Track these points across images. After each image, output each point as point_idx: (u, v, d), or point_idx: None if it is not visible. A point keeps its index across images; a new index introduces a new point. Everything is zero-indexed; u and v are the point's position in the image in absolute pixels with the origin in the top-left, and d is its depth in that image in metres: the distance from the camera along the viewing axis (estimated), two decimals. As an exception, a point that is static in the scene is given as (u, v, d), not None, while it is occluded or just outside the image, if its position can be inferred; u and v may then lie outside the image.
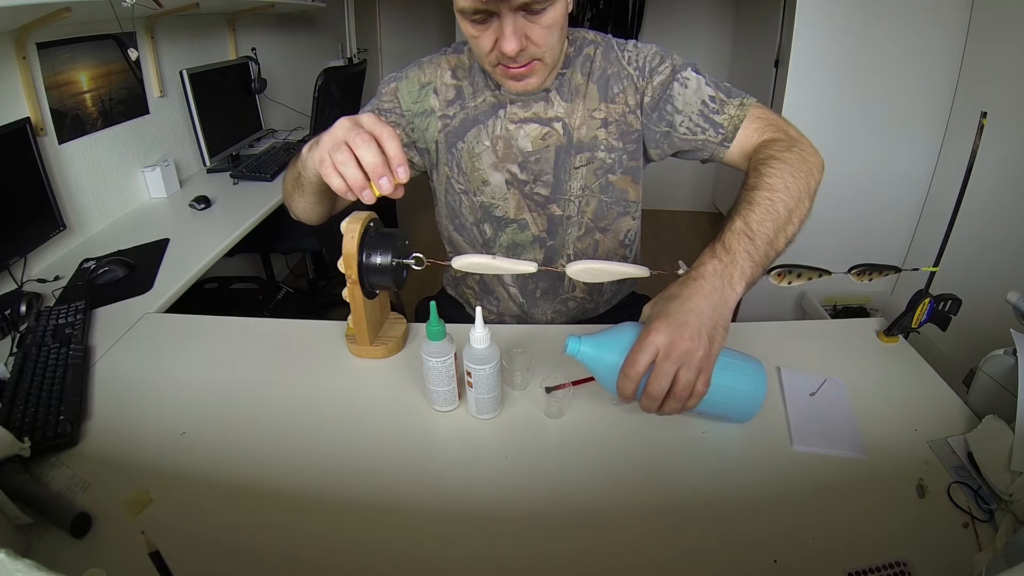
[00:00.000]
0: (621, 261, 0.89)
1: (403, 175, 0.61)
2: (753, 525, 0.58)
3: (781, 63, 2.45)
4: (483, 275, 1.00)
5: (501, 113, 0.86)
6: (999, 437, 0.62)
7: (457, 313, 1.09)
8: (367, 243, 0.75)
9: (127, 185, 1.61)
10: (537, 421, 0.72)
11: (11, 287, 1.14)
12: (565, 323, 1.03)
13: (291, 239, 2.03)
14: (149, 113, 1.71)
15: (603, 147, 0.87)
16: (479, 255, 0.71)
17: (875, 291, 2.05)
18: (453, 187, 0.93)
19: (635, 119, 0.86)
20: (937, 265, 0.81)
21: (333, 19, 3.11)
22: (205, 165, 1.89)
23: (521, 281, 0.98)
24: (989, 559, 0.50)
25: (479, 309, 0.67)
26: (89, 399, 0.76)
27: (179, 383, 0.79)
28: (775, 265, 0.70)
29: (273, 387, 0.78)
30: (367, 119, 0.62)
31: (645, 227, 1.04)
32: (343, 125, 0.62)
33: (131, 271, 1.17)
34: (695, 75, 0.83)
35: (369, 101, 0.92)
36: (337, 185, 0.61)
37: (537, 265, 0.72)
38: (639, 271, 0.71)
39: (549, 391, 0.71)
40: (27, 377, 0.78)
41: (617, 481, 0.63)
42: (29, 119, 1.23)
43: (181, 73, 1.72)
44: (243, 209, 1.59)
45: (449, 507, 0.60)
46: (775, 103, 2.39)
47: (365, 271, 0.75)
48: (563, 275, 0.97)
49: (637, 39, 1.41)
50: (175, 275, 1.18)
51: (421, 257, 0.75)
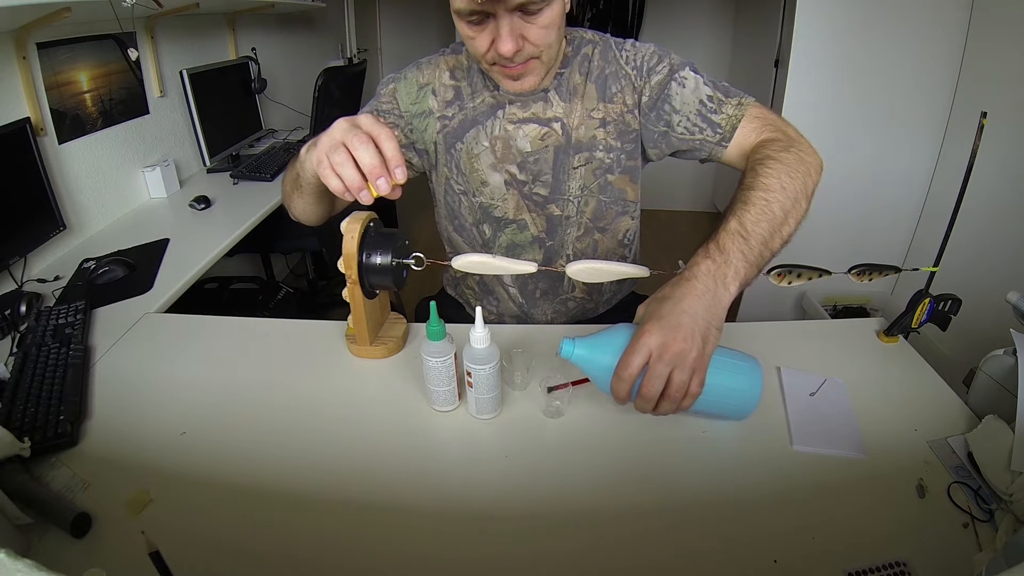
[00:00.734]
0: (620, 261, 0.89)
1: (400, 176, 0.61)
2: (753, 525, 0.58)
3: (781, 63, 2.45)
4: (483, 275, 1.00)
5: (500, 113, 0.86)
6: (999, 437, 0.62)
7: (457, 313, 1.09)
8: (367, 243, 0.75)
9: (127, 185, 1.62)
10: (537, 421, 0.72)
11: (11, 287, 1.14)
12: (565, 323, 1.03)
13: (291, 239, 2.03)
14: (149, 113, 1.71)
15: (601, 147, 0.87)
16: (479, 254, 0.71)
17: (875, 291, 2.05)
18: (452, 188, 0.93)
19: (633, 119, 0.86)
20: (937, 265, 0.81)
21: (333, 19, 3.11)
22: (205, 165, 1.89)
23: (521, 281, 0.98)
24: (989, 559, 0.50)
25: (479, 309, 0.67)
26: (89, 399, 0.76)
27: (179, 383, 0.79)
28: (775, 265, 0.70)
29: (273, 387, 0.78)
30: (365, 120, 0.62)
31: (645, 227, 1.04)
32: (340, 126, 0.62)
33: (131, 271, 1.17)
34: (693, 75, 0.83)
35: (368, 102, 0.92)
36: (335, 186, 0.62)
37: (537, 265, 0.72)
38: (639, 271, 0.71)
39: (549, 391, 0.71)
40: (27, 377, 0.78)
41: (617, 481, 0.63)
42: (29, 119, 1.23)
43: (181, 73, 1.72)
44: (243, 209, 1.59)
45: (449, 507, 0.60)
46: (775, 103, 2.39)
47: (365, 271, 0.75)
48: (563, 275, 0.97)
49: (637, 39, 1.41)
50: (175, 275, 1.18)
51: (421, 257, 0.75)
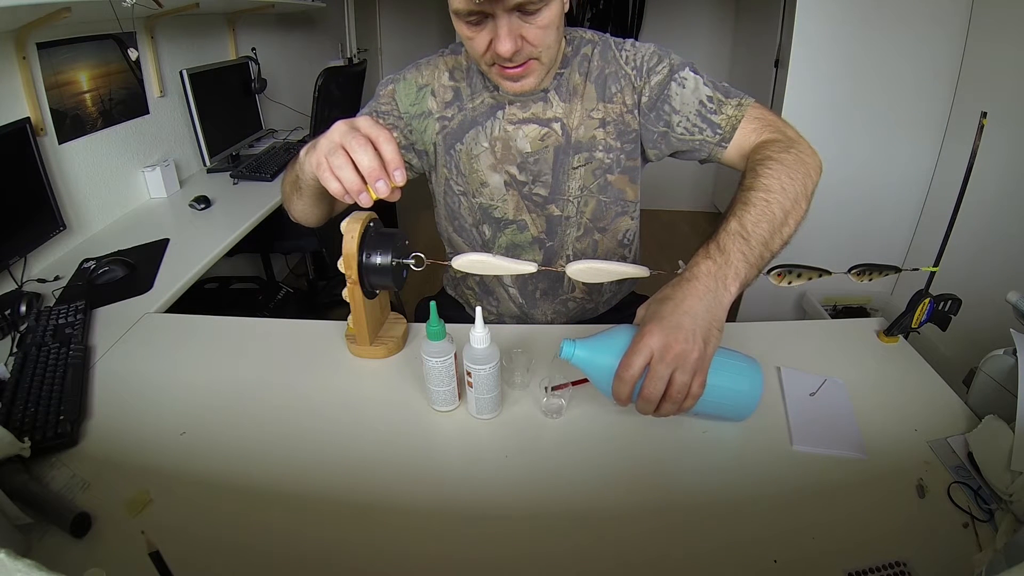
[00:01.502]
0: (620, 261, 0.89)
1: (400, 178, 0.61)
2: (753, 525, 0.58)
3: (781, 63, 2.45)
4: (483, 276, 1.00)
5: (499, 114, 0.86)
6: (999, 437, 0.62)
7: (457, 313, 1.09)
8: (367, 243, 0.75)
9: (127, 185, 1.61)
10: (537, 421, 0.72)
11: (11, 287, 1.14)
12: (565, 324, 1.03)
13: (291, 239, 2.03)
14: (149, 113, 1.71)
15: (601, 147, 0.87)
16: (479, 254, 0.71)
17: (875, 291, 2.05)
18: (452, 188, 0.93)
19: (632, 119, 0.86)
20: (937, 265, 0.81)
21: (333, 19, 3.11)
22: (205, 165, 1.89)
23: (521, 282, 0.98)
24: (989, 559, 0.50)
25: (479, 309, 0.67)
26: (89, 399, 0.76)
27: (179, 383, 0.79)
28: (775, 265, 0.70)
29: (273, 387, 0.78)
30: (363, 122, 0.62)
31: (644, 227, 1.04)
32: (339, 129, 0.62)
33: (131, 271, 1.17)
34: (693, 75, 0.83)
35: (367, 103, 0.91)
36: (334, 189, 0.62)
37: (537, 265, 0.72)
38: (639, 271, 0.71)
39: (549, 391, 0.71)
40: (27, 377, 0.78)
41: (617, 481, 0.63)
42: (29, 119, 1.23)
43: (181, 73, 1.72)
44: (243, 209, 1.59)
45: (449, 507, 0.60)
46: (775, 103, 2.39)
47: (365, 271, 0.75)
48: (563, 276, 0.97)
49: (637, 39, 1.41)
50: (175, 275, 1.18)
51: (421, 257, 0.75)
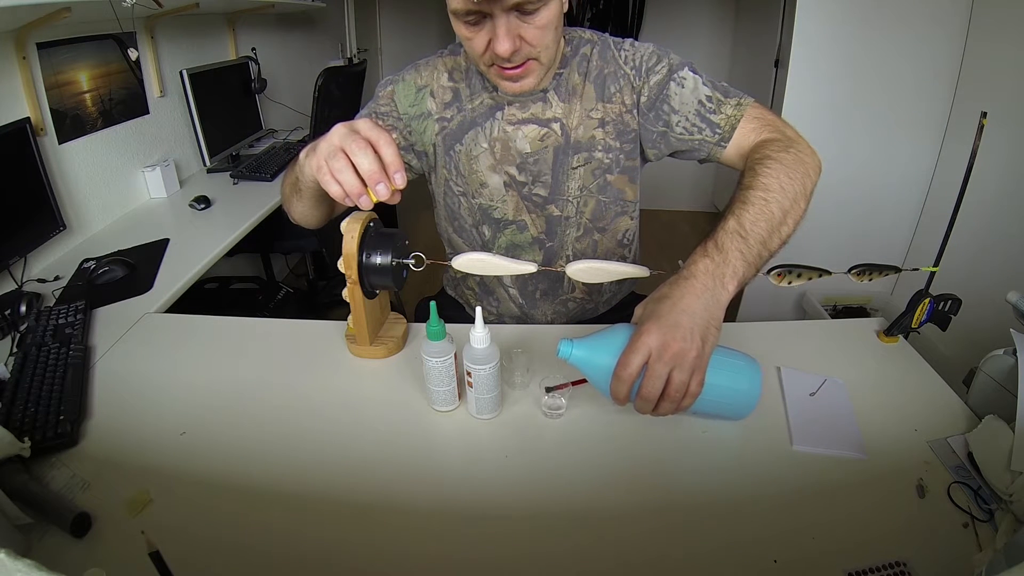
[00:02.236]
0: (620, 261, 0.89)
1: (400, 181, 0.61)
2: (753, 525, 0.58)
3: (781, 63, 2.45)
4: (483, 276, 1.00)
5: (499, 115, 0.86)
6: (999, 437, 0.62)
7: (457, 313, 1.09)
8: (367, 243, 0.75)
9: (127, 185, 1.61)
10: (537, 421, 0.72)
11: (11, 287, 1.14)
12: (565, 324, 1.03)
13: (291, 239, 2.03)
14: (149, 113, 1.71)
15: (600, 147, 0.87)
16: (479, 253, 0.71)
17: (875, 291, 2.05)
18: (452, 189, 0.93)
19: (632, 118, 0.86)
20: (937, 265, 0.81)
21: (333, 19, 3.11)
22: (205, 165, 1.89)
23: (521, 282, 0.98)
24: (989, 559, 0.50)
25: (479, 309, 0.67)
26: (89, 399, 0.76)
27: (179, 383, 0.79)
28: (775, 265, 0.70)
29: (273, 387, 0.78)
30: (363, 124, 0.62)
31: (644, 227, 1.04)
32: (339, 131, 0.62)
33: (131, 271, 1.17)
34: (692, 75, 0.83)
35: (366, 104, 0.91)
36: (335, 192, 0.62)
37: (537, 265, 0.72)
38: (639, 271, 0.71)
39: (549, 391, 0.71)
40: (27, 377, 0.78)
41: (617, 481, 0.63)
42: (29, 119, 1.23)
43: (181, 73, 1.72)
44: (243, 209, 1.59)
45: (449, 507, 0.60)
46: (775, 103, 2.39)
47: (365, 271, 0.75)
48: (563, 276, 0.97)
49: (637, 39, 1.41)
50: (175, 275, 1.18)
51: (421, 257, 0.75)
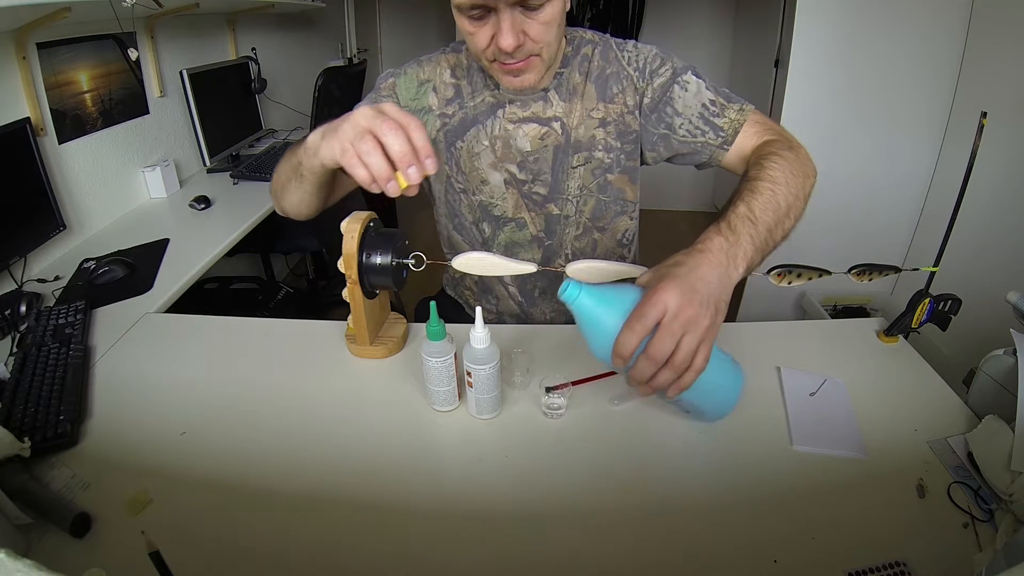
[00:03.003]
0: (620, 261, 0.89)
1: (431, 167, 0.59)
2: (753, 525, 0.58)
3: (781, 63, 2.46)
4: (482, 275, 1.00)
5: (500, 113, 0.86)
6: (999, 437, 0.62)
7: (457, 313, 1.09)
8: (367, 243, 0.75)
9: (127, 185, 1.61)
10: (537, 421, 0.72)
11: (11, 287, 1.14)
12: (564, 323, 1.03)
13: (291, 239, 2.03)
14: (149, 113, 1.71)
15: (601, 147, 0.87)
16: (479, 253, 0.71)
17: (875, 291, 2.05)
18: (452, 186, 0.93)
19: (633, 120, 0.86)
20: (937, 265, 0.81)
21: (333, 19, 3.11)
22: (205, 165, 1.89)
23: (520, 280, 0.98)
24: (989, 559, 0.50)
25: (479, 309, 0.67)
26: (89, 399, 0.76)
27: (179, 383, 0.79)
28: (775, 265, 0.70)
29: (273, 387, 0.78)
30: (391, 107, 0.59)
31: (644, 227, 1.04)
32: (365, 113, 0.58)
33: (131, 271, 1.17)
34: (695, 79, 0.83)
35: (365, 96, 0.91)
36: (361, 176, 0.59)
37: (537, 265, 0.72)
38: (639, 271, 0.71)
39: (549, 391, 0.71)
40: (27, 377, 0.78)
41: (617, 481, 0.63)
42: (29, 119, 1.23)
43: (181, 73, 1.72)
44: (243, 209, 1.59)
45: (449, 507, 0.60)
46: (775, 103, 2.40)
47: (365, 271, 0.75)
48: (562, 275, 0.97)
49: (637, 39, 1.41)
50: (175, 275, 1.18)
51: (421, 256, 0.75)
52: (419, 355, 0.70)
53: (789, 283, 0.73)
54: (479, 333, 0.66)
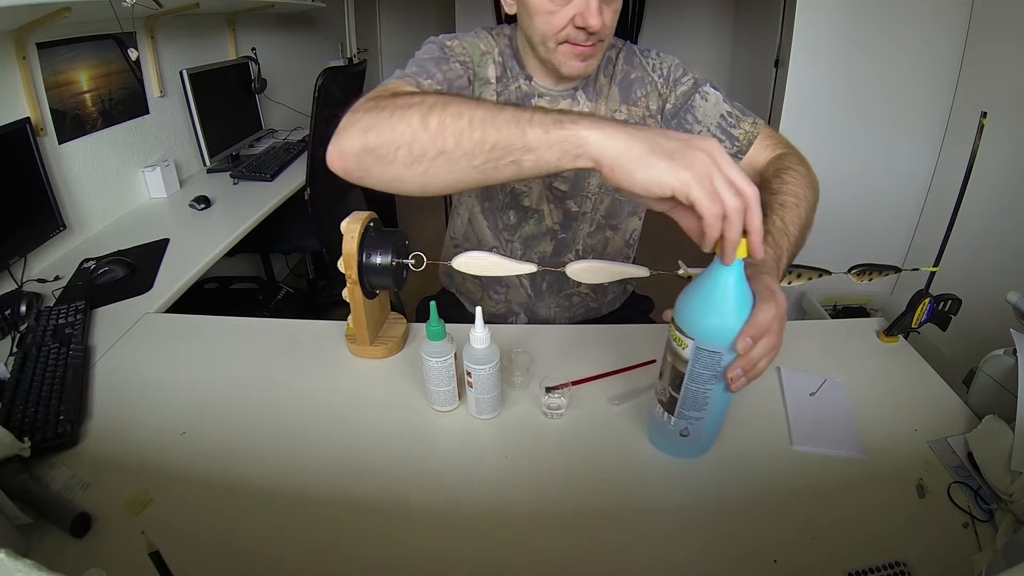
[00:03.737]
0: (624, 261, 0.90)
1: (758, 252, 0.48)
2: (753, 525, 0.58)
3: (781, 63, 2.45)
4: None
5: (531, 103, 0.86)
6: (999, 437, 0.62)
7: (457, 313, 1.09)
8: (367, 243, 0.75)
9: (127, 185, 1.61)
10: (537, 421, 0.72)
11: (11, 287, 1.14)
12: (568, 320, 1.04)
13: (291, 239, 2.03)
14: (149, 113, 1.71)
15: None
16: (479, 252, 0.71)
17: (875, 291, 2.05)
18: None
19: (654, 123, 0.88)
20: (937, 265, 0.81)
21: (333, 19, 3.11)
22: (205, 165, 1.89)
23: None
24: (989, 559, 0.50)
25: (479, 309, 0.67)
26: (89, 399, 0.76)
27: (179, 383, 0.79)
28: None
29: (273, 387, 0.78)
30: (741, 176, 0.46)
31: (645, 227, 1.05)
32: (725, 159, 0.47)
33: (131, 271, 1.17)
34: (714, 91, 0.86)
35: (427, 50, 0.81)
36: (713, 217, 0.46)
37: (537, 265, 0.72)
38: (639, 271, 0.71)
39: (549, 391, 0.71)
40: (27, 377, 0.78)
41: (617, 481, 0.63)
42: (29, 119, 1.23)
43: (181, 73, 1.72)
44: (243, 209, 1.59)
45: (449, 507, 0.60)
46: (775, 103, 2.39)
47: (365, 271, 0.75)
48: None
49: (637, 39, 1.41)
50: (175, 275, 1.18)
51: (421, 257, 0.75)
52: (419, 355, 0.70)
53: (789, 283, 0.73)
54: (479, 333, 0.66)
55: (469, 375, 0.67)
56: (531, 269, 0.72)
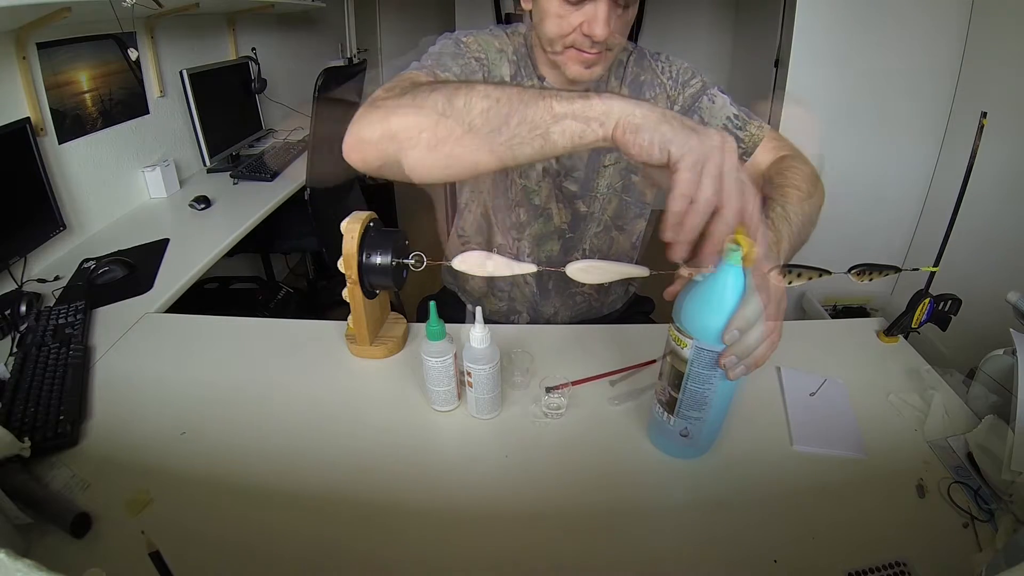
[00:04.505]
0: (630, 262, 0.90)
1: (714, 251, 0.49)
2: (753, 525, 0.58)
3: (781, 63, 2.45)
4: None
5: None
6: (999, 437, 0.62)
7: (458, 312, 1.10)
8: (367, 243, 0.75)
9: (127, 185, 1.61)
10: (537, 421, 0.71)
11: (11, 287, 1.14)
12: (570, 319, 1.04)
13: (291, 239, 2.03)
14: (149, 113, 1.71)
15: None
16: (479, 252, 0.71)
17: (875, 291, 2.05)
18: None
19: None
20: (937, 265, 0.81)
21: (333, 19, 3.11)
22: (205, 165, 1.89)
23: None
24: (989, 559, 0.50)
25: (479, 309, 0.67)
26: (89, 399, 0.76)
27: (179, 383, 0.79)
28: (775, 265, 0.70)
29: (273, 387, 0.78)
30: (735, 179, 0.46)
31: (647, 227, 1.05)
32: (734, 157, 0.46)
33: (131, 271, 1.17)
34: (721, 94, 0.87)
35: (443, 45, 0.80)
36: (686, 215, 0.46)
37: (537, 266, 0.72)
38: (639, 271, 0.71)
39: (549, 391, 0.71)
40: (27, 377, 0.78)
41: (617, 481, 0.63)
42: (29, 119, 1.23)
43: (181, 73, 1.72)
44: (243, 209, 1.59)
45: (449, 507, 0.60)
46: (775, 103, 2.39)
47: (365, 271, 0.75)
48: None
49: (637, 39, 1.41)
50: (175, 275, 1.18)
51: (421, 256, 0.75)
52: (419, 355, 0.70)
53: (789, 283, 0.72)
54: (479, 333, 0.66)
55: (469, 375, 0.67)
56: (531, 269, 0.72)
